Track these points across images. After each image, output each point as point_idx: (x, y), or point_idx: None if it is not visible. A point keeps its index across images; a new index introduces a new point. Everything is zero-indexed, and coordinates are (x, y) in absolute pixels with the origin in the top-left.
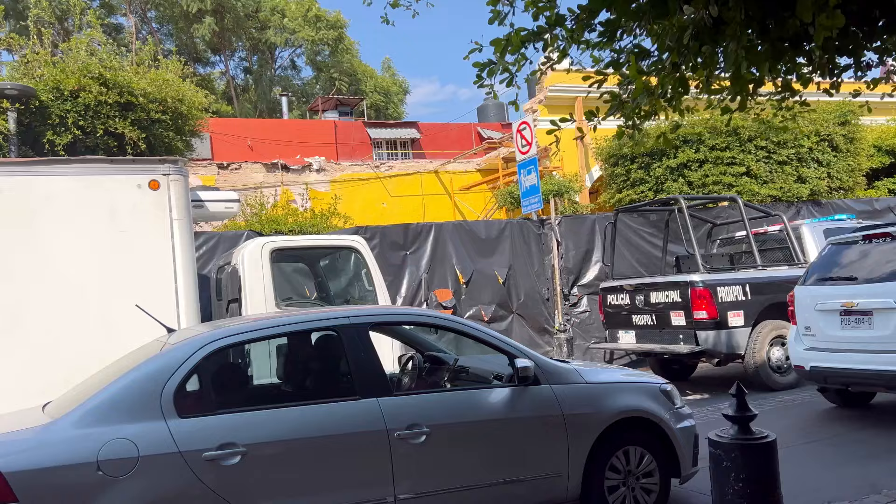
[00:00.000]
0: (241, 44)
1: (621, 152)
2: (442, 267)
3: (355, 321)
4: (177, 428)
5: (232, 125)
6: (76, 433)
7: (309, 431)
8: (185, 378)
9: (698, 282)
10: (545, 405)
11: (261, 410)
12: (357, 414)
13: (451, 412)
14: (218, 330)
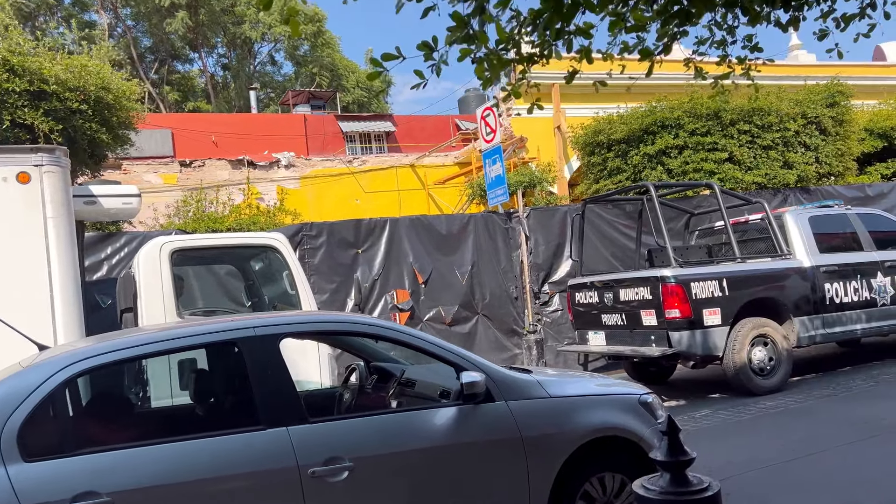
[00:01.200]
0: (219, 40)
1: (597, 140)
2: (398, 266)
3: (261, 332)
4: (20, 475)
5: (196, 121)
6: None
7: (197, 472)
8: (36, 410)
9: (670, 277)
10: (499, 426)
11: (133, 448)
12: (261, 447)
13: (382, 440)
14: (86, 347)
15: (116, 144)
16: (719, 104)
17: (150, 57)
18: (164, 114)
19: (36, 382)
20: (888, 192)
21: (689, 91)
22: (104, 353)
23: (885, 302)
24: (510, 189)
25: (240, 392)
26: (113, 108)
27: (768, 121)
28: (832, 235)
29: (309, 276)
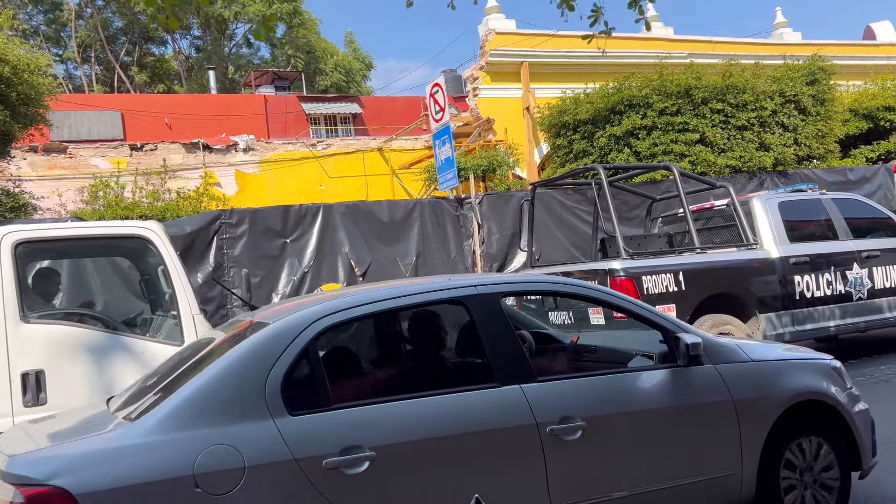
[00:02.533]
0: (194, 21)
1: (563, 121)
2: (332, 257)
3: (483, 290)
4: (288, 428)
5: (148, 102)
6: (162, 439)
7: (447, 428)
8: (294, 364)
9: (618, 270)
10: (712, 389)
11: (387, 404)
12: (500, 405)
13: (607, 401)
14: (327, 303)
15: (18, 124)
16: (690, 81)
17: (123, 38)
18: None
19: (289, 336)
20: (871, 177)
21: (660, 68)
22: (347, 309)
23: (862, 296)
24: (466, 173)
25: (472, 350)
26: (11, 83)
27: (743, 99)
28: (804, 223)
29: (228, 269)
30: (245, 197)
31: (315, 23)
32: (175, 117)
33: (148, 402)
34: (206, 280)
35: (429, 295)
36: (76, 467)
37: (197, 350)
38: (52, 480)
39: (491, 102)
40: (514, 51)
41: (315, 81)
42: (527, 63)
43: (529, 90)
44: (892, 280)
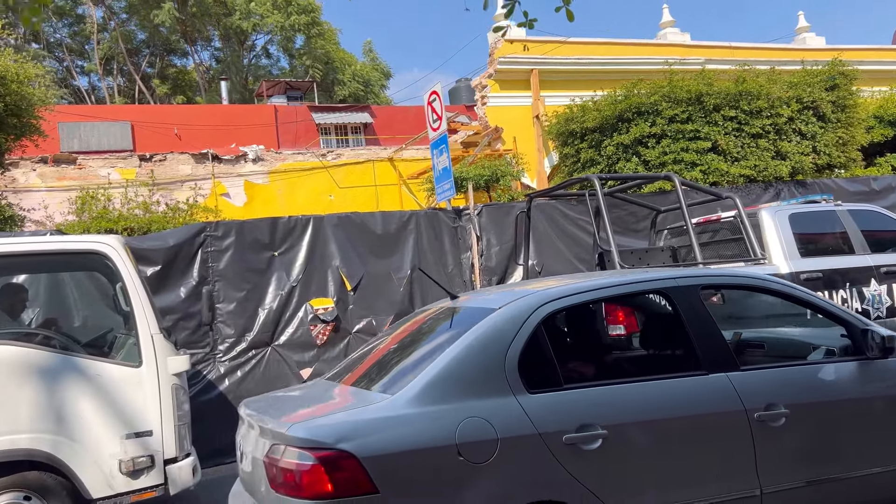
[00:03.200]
0: (215, 32)
1: (570, 129)
2: (322, 270)
3: (684, 283)
4: (529, 405)
5: (158, 113)
6: (424, 411)
7: (666, 411)
8: (526, 346)
9: None
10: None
11: (612, 386)
12: (710, 391)
13: (806, 390)
14: (548, 290)
15: (7, 134)
16: (701, 87)
17: (146, 50)
18: (123, 105)
19: (518, 320)
20: None
21: (669, 75)
22: (566, 297)
23: (881, 314)
24: (467, 183)
25: (678, 338)
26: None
27: (757, 105)
28: (817, 236)
29: (213, 283)
30: (254, 207)
31: (334, 33)
32: (185, 128)
33: (391, 378)
34: (188, 294)
35: (636, 286)
36: (356, 434)
37: (405, 331)
38: (339, 445)
39: (500, 111)
40: (524, 58)
41: (333, 91)
42: (536, 70)
43: (539, 98)
44: None
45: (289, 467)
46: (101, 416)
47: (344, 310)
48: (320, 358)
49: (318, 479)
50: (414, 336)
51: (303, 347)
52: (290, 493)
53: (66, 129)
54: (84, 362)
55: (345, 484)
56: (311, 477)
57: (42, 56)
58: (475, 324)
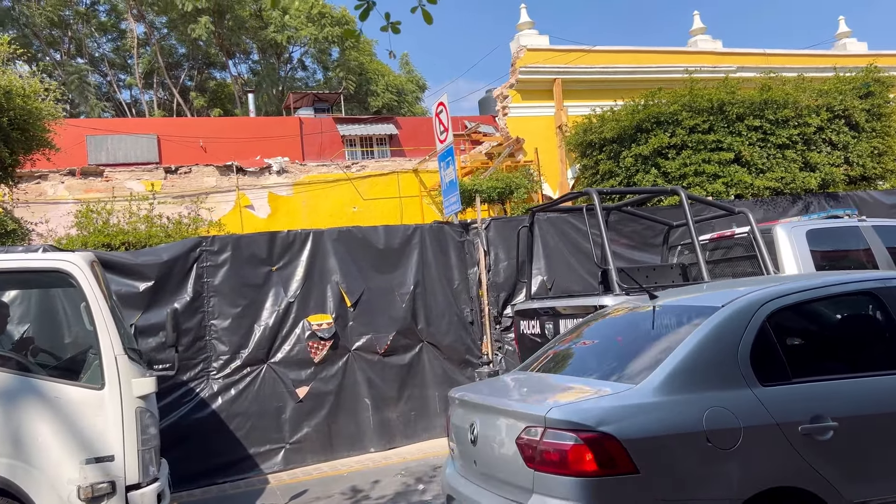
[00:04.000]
0: (253, 45)
1: (588, 140)
2: (321, 286)
3: (892, 283)
4: (764, 397)
5: (184, 126)
6: (670, 399)
7: (885, 406)
8: (755, 341)
9: (609, 308)
10: None
11: (836, 381)
12: None
13: None
14: (768, 289)
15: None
16: (723, 96)
17: (188, 64)
18: (151, 118)
19: (747, 317)
20: None
21: (690, 83)
22: (787, 295)
23: None
24: (481, 196)
25: (889, 336)
26: (2, 108)
27: (783, 115)
28: (837, 254)
29: (208, 299)
30: (278, 219)
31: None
32: (211, 141)
33: (625, 370)
34: (182, 310)
35: (847, 286)
36: (615, 418)
37: (597, 328)
38: (600, 427)
39: (521, 121)
40: (546, 67)
41: (367, 103)
42: (559, 80)
43: (562, 108)
44: None
45: (551, 447)
46: (60, 440)
47: (343, 326)
48: (317, 376)
49: (583, 458)
50: (617, 332)
51: (299, 365)
52: (553, 470)
53: (94, 143)
54: (43, 384)
55: (609, 463)
56: (576, 456)
57: (86, 70)
58: (698, 320)
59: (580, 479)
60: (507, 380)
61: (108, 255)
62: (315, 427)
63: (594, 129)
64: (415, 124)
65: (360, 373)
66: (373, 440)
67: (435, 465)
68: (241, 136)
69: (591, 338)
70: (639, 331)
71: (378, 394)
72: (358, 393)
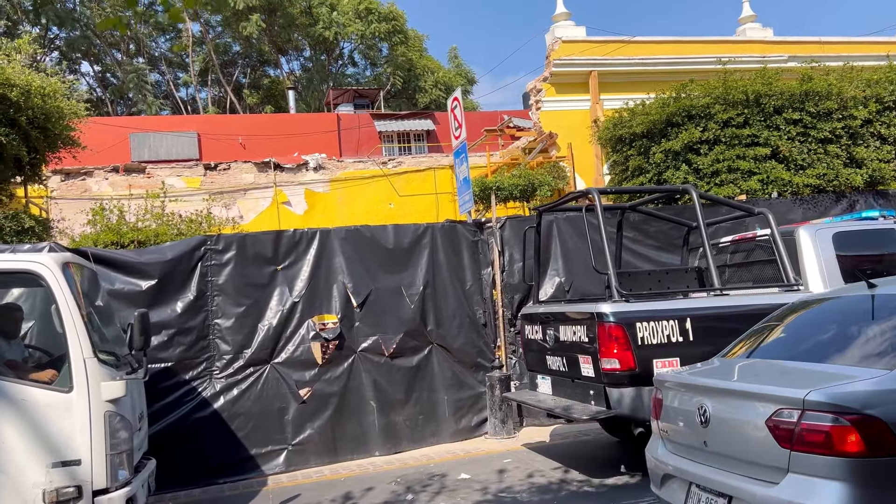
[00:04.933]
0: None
1: (618, 135)
2: (327, 286)
3: None
4: None
5: (225, 123)
6: None
7: None
8: None
9: (608, 315)
10: None
11: None
12: None
13: None
14: None
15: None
16: (759, 87)
17: (243, 62)
18: (191, 115)
19: None
20: None
21: (723, 74)
22: None
23: None
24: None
25: None
26: (21, 107)
27: (825, 107)
28: (867, 259)
29: (212, 298)
30: (314, 216)
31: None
32: (250, 138)
33: (866, 356)
34: (186, 309)
35: None
36: (878, 402)
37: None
38: (866, 410)
39: (555, 115)
40: (582, 60)
41: (415, 99)
42: (595, 72)
43: (598, 101)
44: None
45: (813, 428)
46: (26, 443)
47: (350, 327)
48: (321, 377)
49: (848, 439)
50: (830, 320)
51: (303, 366)
52: (814, 450)
53: (137, 140)
54: (9, 385)
55: (876, 445)
56: (841, 436)
57: (144, 69)
58: None
59: (846, 460)
60: (726, 365)
61: (111, 254)
62: (318, 429)
63: (624, 123)
64: None
65: (366, 374)
66: (378, 444)
67: (433, 472)
68: (279, 133)
69: (802, 324)
70: (859, 318)
71: (384, 396)
72: (363, 395)
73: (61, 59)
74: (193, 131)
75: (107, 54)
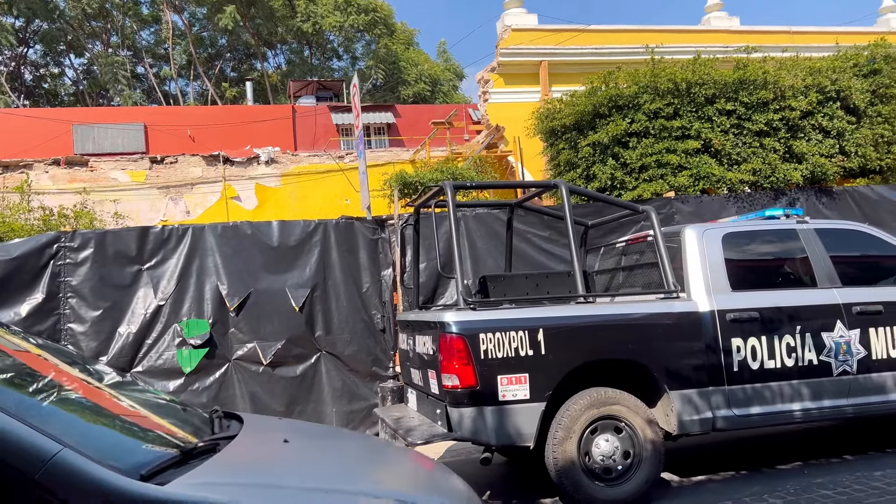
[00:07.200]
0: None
1: (549, 126)
2: (198, 287)
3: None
4: None
5: (173, 115)
6: None
7: None
8: None
9: (450, 324)
10: None
11: None
12: None
13: None
14: None
15: None
16: (689, 76)
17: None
18: (138, 107)
19: None
20: None
21: (651, 62)
22: None
23: (848, 368)
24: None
25: None
26: None
27: (760, 97)
28: (762, 263)
29: (65, 300)
30: (264, 211)
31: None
32: (201, 130)
33: None
34: (32, 312)
35: None
36: None
37: None
38: None
39: (503, 108)
40: (532, 49)
41: (398, 92)
42: (546, 63)
43: (549, 93)
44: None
45: None
46: None
47: (223, 333)
48: (188, 388)
49: None
50: None
51: (168, 375)
52: None
53: (80, 132)
54: None
55: None
56: None
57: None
58: None
59: None
60: None
61: None
62: None
63: (555, 114)
64: (416, 112)
65: (241, 385)
66: None
67: None
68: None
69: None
70: None
71: (262, 409)
72: (236, 408)
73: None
74: (140, 123)
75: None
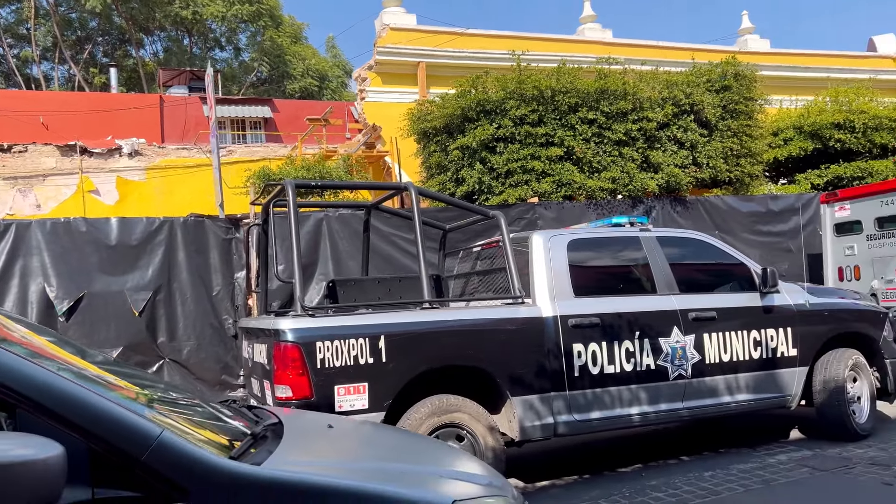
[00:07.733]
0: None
1: (421, 128)
2: (21, 288)
3: None
4: None
5: (22, 99)
6: None
7: None
8: None
9: (284, 332)
10: None
11: None
12: None
13: None
14: None
15: None
16: (553, 83)
17: (103, 39)
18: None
19: None
20: (802, 206)
21: (517, 70)
22: None
23: (684, 373)
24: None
25: None
26: None
27: (620, 107)
28: (606, 270)
29: None
30: (126, 206)
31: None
32: (56, 117)
33: None
34: None
35: None
36: None
37: None
38: None
39: (381, 107)
40: (410, 49)
41: (283, 86)
42: (424, 64)
43: (426, 94)
44: (735, 352)
45: None
46: None
47: None
48: None
49: None
50: None
51: None
52: None
53: None
54: None
55: None
56: None
57: None
58: None
59: None
60: None
61: None
62: None
63: (426, 116)
64: (295, 107)
65: None
66: None
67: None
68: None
69: None
70: None
71: None
72: None
73: None
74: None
75: None
